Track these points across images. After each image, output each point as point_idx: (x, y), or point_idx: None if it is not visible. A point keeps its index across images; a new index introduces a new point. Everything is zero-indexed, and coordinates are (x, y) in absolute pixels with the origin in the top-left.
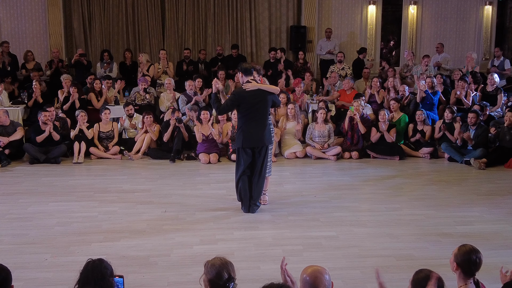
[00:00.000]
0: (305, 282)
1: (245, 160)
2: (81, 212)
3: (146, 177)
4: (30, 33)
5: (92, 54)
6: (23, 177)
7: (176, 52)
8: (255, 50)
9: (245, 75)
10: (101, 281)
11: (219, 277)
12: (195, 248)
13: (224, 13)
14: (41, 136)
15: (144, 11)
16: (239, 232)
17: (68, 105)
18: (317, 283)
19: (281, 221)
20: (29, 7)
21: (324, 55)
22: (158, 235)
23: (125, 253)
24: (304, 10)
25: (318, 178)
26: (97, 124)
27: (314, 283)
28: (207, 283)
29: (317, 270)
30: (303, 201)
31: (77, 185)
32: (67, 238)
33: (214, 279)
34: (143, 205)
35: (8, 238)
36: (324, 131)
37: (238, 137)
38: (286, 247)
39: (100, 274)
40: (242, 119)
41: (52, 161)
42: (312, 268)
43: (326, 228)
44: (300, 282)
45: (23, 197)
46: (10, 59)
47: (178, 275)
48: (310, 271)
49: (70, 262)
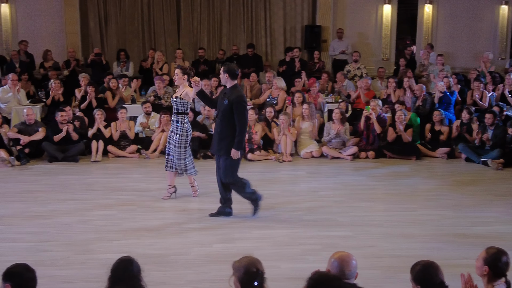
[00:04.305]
0: (333, 266)
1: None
2: (99, 210)
3: (162, 176)
4: (46, 33)
5: (108, 53)
6: (42, 175)
7: (191, 51)
8: (270, 49)
9: (231, 79)
10: (132, 280)
11: (248, 274)
12: (213, 247)
13: (239, 13)
14: (58, 135)
15: (159, 11)
16: (256, 231)
17: (86, 104)
18: (345, 266)
19: (297, 221)
20: (45, 7)
21: (337, 55)
22: (176, 233)
23: (144, 252)
24: (318, 9)
25: (334, 178)
26: (114, 123)
27: (342, 267)
28: (237, 283)
29: (345, 255)
30: (319, 201)
31: (95, 183)
32: (87, 236)
33: (243, 277)
34: (160, 203)
35: (29, 236)
36: (341, 131)
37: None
38: (303, 247)
39: (130, 272)
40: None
41: (70, 159)
42: (340, 253)
43: (343, 228)
44: (328, 266)
45: (42, 195)
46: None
47: (196, 273)
48: (338, 256)
49: (90, 260)
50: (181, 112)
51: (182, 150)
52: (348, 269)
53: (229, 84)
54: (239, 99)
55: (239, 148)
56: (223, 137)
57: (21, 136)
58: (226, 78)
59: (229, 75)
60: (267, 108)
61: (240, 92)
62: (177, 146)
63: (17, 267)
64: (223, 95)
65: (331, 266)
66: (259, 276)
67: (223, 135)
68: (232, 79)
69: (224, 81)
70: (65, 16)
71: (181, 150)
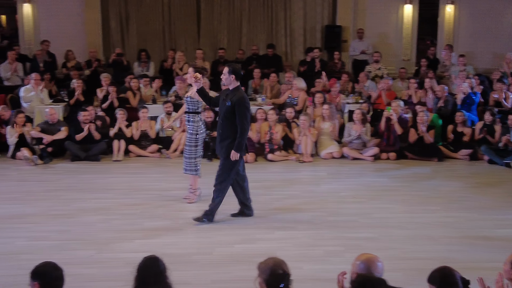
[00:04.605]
0: (359, 268)
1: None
2: (121, 209)
3: (183, 176)
4: (68, 33)
5: (129, 53)
6: (65, 174)
7: (211, 51)
8: (290, 49)
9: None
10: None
11: (274, 276)
12: (236, 247)
13: (259, 13)
14: (80, 135)
15: (179, 11)
16: (279, 232)
17: (107, 104)
18: (372, 269)
19: (319, 222)
20: (67, 7)
21: (357, 55)
22: (198, 233)
23: (166, 251)
24: (339, 9)
25: (355, 179)
26: (135, 122)
27: (368, 269)
28: (263, 284)
29: (371, 257)
30: (341, 202)
31: (116, 182)
32: (109, 235)
33: (269, 278)
34: (182, 203)
35: (54, 234)
36: (361, 132)
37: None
38: (326, 248)
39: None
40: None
41: (92, 158)
42: (366, 255)
43: (366, 230)
44: (353, 269)
45: (65, 194)
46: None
47: (220, 273)
48: (364, 258)
49: (113, 258)
50: (192, 111)
51: (193, 149)
52: (374, 271)
53: (232, 85)
54: (241, 100)
55: (238, 150)
56: (224, 138)
57: (44, 135)
58: (232, 79)
59: (236, 76)
60: (287, 108)
61: (243, 93)
62: (187, 145)
63: (46, 266)
64: (225, 96)
65: (357, 268)
66: (285, 277)
67: (224, 136)
68: (237, 80)
69: (229, 82)
70: (86, 16)
71: (191, 149)
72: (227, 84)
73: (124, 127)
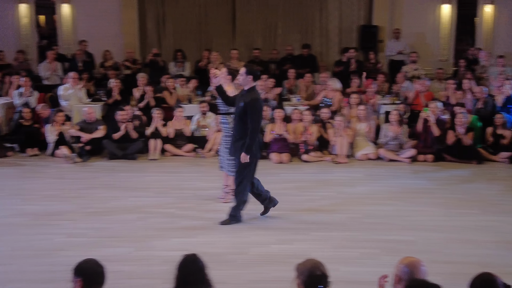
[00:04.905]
0: (403, 272)
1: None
2: (157, 207)
3: (218, 175)
4: (105, 33)
5: (165, 53)
6: (102, 172)
7: (246, 51)
8: (325, 49)
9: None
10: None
11: (312, 277)
12: (271, 248)
13: (294, 13)
14: (117, 134)
15: (215, 11)
16: (314, 233)
17: (144, 103)
18: (415, 273)
19: (355, 223)
20: (104, 8)
21: (393, 56)
22: (234, 232)
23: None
24: (375, 9)
25: (392, 181)
26: (171, 121)
27: (412, 273)
28: (301, 285)
29: (415, 261)
30: (377, 204)
31: (153, 181)
32: (146, 233)
33: (307, 280)
34: (217, 203)
35: (91, 231)
36: (398, 133)
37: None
38: (362, 250)
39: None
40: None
41: (129, 157)
42: (410, 258)
43: (402, 232)
44: (396, 272)
45: (102, 192)
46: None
47: (256, 273)
48: (407, 262)
49: (151, 256)
50: (224, 112)
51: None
52: (418, 275)
53: (248, 86)
54: (253, 102)
55: (247, 152)
56: (237, 139)
57: (82, 134)
58: (249, 79)
59: (253, 77)
60: (323, 109)
61: (257, 95)
62: (223, 146)
63: (88, 263)
64: (240, 97)
65: (400, 272)
66: (323, 279)
67: (238, 137)
68: (255, 80)
69: (245, 82)
70: (123, 16)
71: (227, 150)
72: (243, 84)
73: (161, 127)
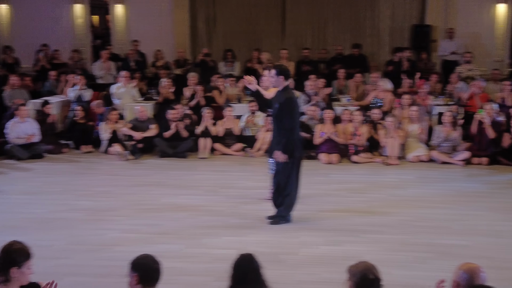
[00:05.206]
0: (462, 278)
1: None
2: (208, 206)
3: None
4: (157, 33)
5: (215, 53)
6: (153, 170)
7: (295, 51)
8: (375, 49)
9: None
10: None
11: (365, 280)
12: (321, 248)
13: (345, 12)
14: (168, 132)
15: (265, 11)
16: (364, 235)
17: (194, 102)
18: (475, 279)
19: (408, 226)
20: (156, 8)
21: (447, 56)
22: (283, 232)
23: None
24: (428, 8)
25: (445, 184)
26: (220, 120)
27: (472, 280)
28: None
29: (474, 267)
30: (430, 207)
31: (202, 179)
32: (197, 231)
33: (359, 282)
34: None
35: (144, 227)
36: (451, 135)
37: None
38: (415, 254)
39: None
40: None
41: (179, 155)
42: (469, 264)
43: (457, 236)
44: (455, 278)
45: (154, 189)
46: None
47: (306, 274)
48: (467, 268)
49: (203, 254)
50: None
51: None
52: (477, 282)
53: (281, 86)
54: (288, 101)
55: (285, 152)
56: (277, 141)
57: (134, 132)
58: (281, 80)
59: (284, 76)
60: (374, 109)
61: (291, 94)
62: None
63: (145, 258)
64: (275, 98)
65: (459, 278)
66: (375, 282)
67: (278, 140)
68: (286, 80)
69: (278, 83)
70: (175, 17)
71: None
72: (276, 85)
73: (210, 126)
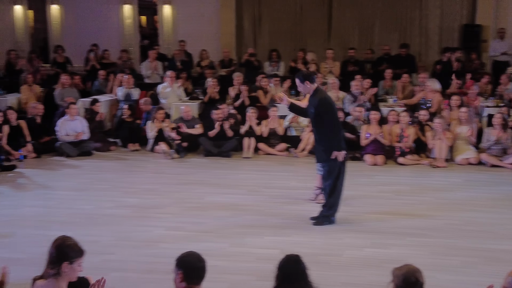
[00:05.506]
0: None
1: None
2: (251, 205)
3: (310, 175)
4: (203, 33)
5: (260, 53)
6: (198, 168)
7: (341, 51)
8: (424, 49)
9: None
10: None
11: (407, 283)
12: (366, 251)
13: (392, 12)
14: (213, 131)
15: (311, 11)
16: (410, 238)
17: (239, 102)
18: None
19: (455, 230)
20: (203, 8)
21: (497, 56)
22: (327, 234)
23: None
24: (478, 7)
25: (494, 187)
26: (264, 120)
27: None
28: None
29: None
30: (478, 211)
31: (246, 179)
32: (240, 230)
33: (401, 285)
34: (310, 203)
35: (188, 225)
36: (502, 137)
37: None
38: (462, 258)
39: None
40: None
41: (224, 154)
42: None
43: (505, 241)
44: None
45: (198, 187)
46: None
47: (350, 276)
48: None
49: (245, 253)
50: None
51: None
52: None
53: (311, 91)
54: (321, 102)
55: (339, 149)
56: (320, 145)
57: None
58: (308, 85)
59: (309, 81)
60: (422, 111)
61: (322, 94)
62: None
63: (190, 256)
64: (309, 104)
65: (509, 285)
66: (418, 286)
67: (320, 143)
68: (312, 83)
69: (307, 90)
70: (222, 17)
71: None
72: (306, 92)
73: (255, 125)
